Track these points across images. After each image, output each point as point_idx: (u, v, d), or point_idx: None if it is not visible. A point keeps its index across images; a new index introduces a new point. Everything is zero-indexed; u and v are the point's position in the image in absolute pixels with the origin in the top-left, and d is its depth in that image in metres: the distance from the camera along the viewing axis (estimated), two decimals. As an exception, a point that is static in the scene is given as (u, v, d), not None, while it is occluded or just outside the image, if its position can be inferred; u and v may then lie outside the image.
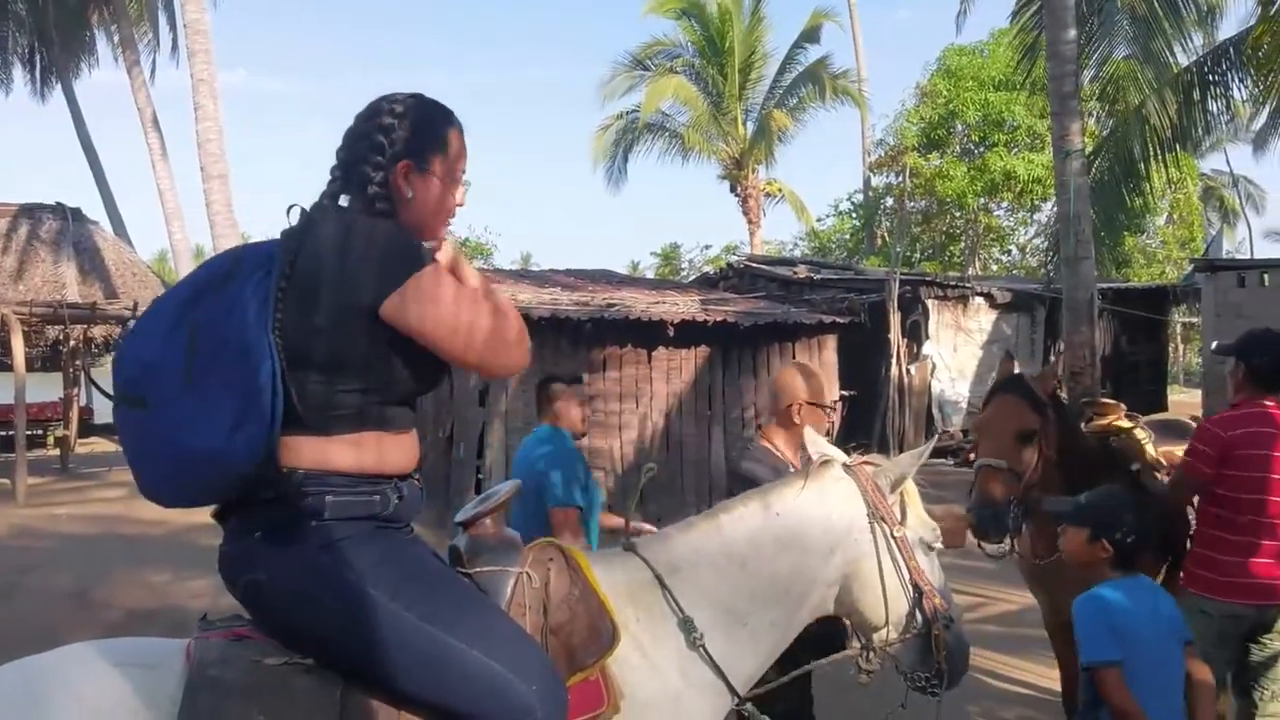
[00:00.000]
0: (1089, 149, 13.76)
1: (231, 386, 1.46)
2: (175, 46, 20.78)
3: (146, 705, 1.42)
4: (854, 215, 29.98)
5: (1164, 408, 16.09)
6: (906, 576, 1.89)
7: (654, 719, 1.68)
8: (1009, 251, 29.27)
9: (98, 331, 13.87)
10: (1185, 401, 17.81)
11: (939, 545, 1.99)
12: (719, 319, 10.18)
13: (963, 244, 28.03)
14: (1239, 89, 12.38)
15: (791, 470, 2.61)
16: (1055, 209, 12.16)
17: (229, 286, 1.52)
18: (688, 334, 10.12)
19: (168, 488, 1.53)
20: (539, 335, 9.61)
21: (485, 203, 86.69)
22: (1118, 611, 2.37)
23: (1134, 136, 11.80)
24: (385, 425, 1.56)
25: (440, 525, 10.17)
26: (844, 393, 12.12)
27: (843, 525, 1.89)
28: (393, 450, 1.58)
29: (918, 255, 27.70)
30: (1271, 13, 7.78)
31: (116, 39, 20.49)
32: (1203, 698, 2.41)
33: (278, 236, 1.60)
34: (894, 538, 1.89)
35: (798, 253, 29.82)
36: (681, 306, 11.04)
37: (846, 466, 1.97)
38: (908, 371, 14.24)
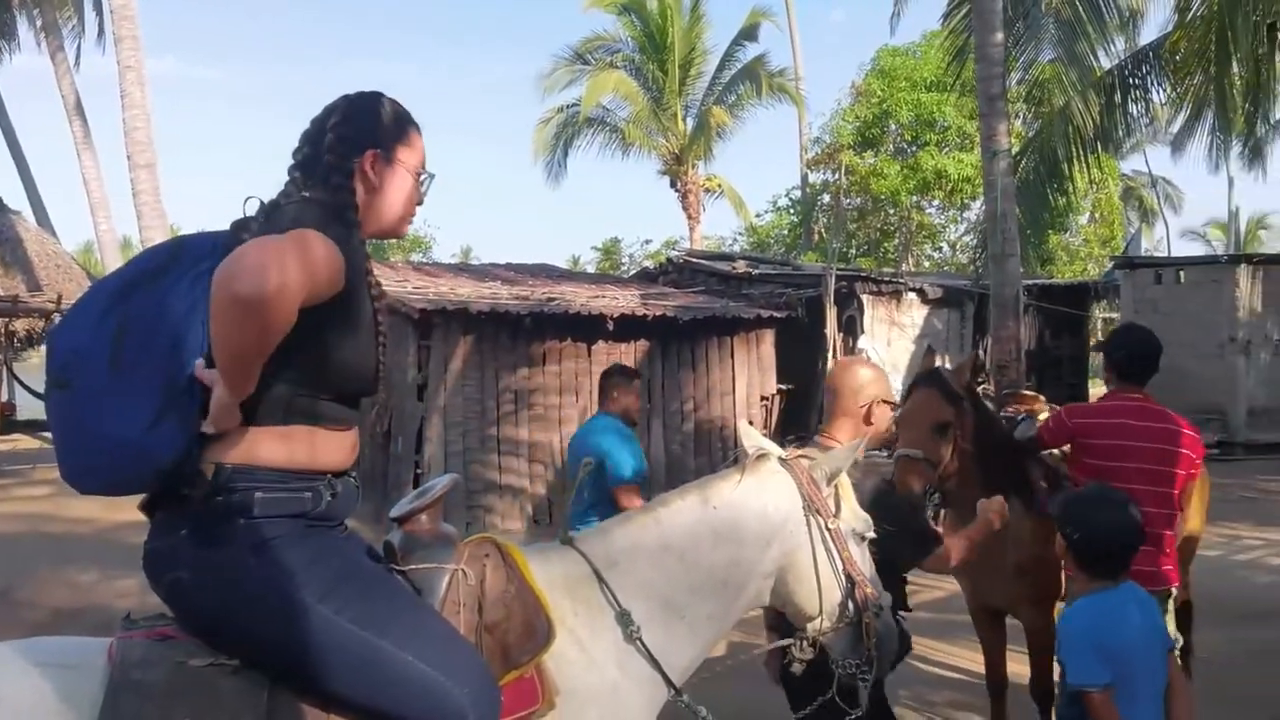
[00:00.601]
0: (1016, 149, 14.20)
1: (157, 378, 1.44)
2: (101, 32, 20.07)
3: (66, 706, 1.39)
4: (792, 211, 30.37)
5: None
6: (840, 567, 1.94)
7: (592, 712, 1.70)
8: (940, 248, 30.00)
9: (20, 325, 13.36)
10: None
11: (870, 535, 2.05)
12: (658, 313, 10.24)
13: (897, 240, 28.61)
14: (1158, 92, 12.92)
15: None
16: (984, 207, 12.51)
17: (164, 279, 1.51)
18: (627, 328, 10.16)
19: (86, 474, 1.51)
20: (478, 329, 9.56)
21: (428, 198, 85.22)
22: (1106, 630, 2.29)
23: (1058, 137, 12.21)
24: (318, 420, 1.54)
25: (377, 521, 10.00)
26: (781, 386, 12.33)
27: (779, 518, 1.93)
28: (327, 446, 1.56)
29: (854, 251, 28.17)
30: (1187, 19, 8.13)
31: (39, 23, 19.70)
32: (1182, 702, 2.36)
33: (226, 227, 1.58)
34: (828, 530, 1.94)
35: (737, 248, 30.09)
36: (621, 301, 11.08)
37: (783, 460, 2.01)
38: (843, 365, 14.48)
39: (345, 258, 1.50)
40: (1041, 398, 3.78)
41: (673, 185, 25.67)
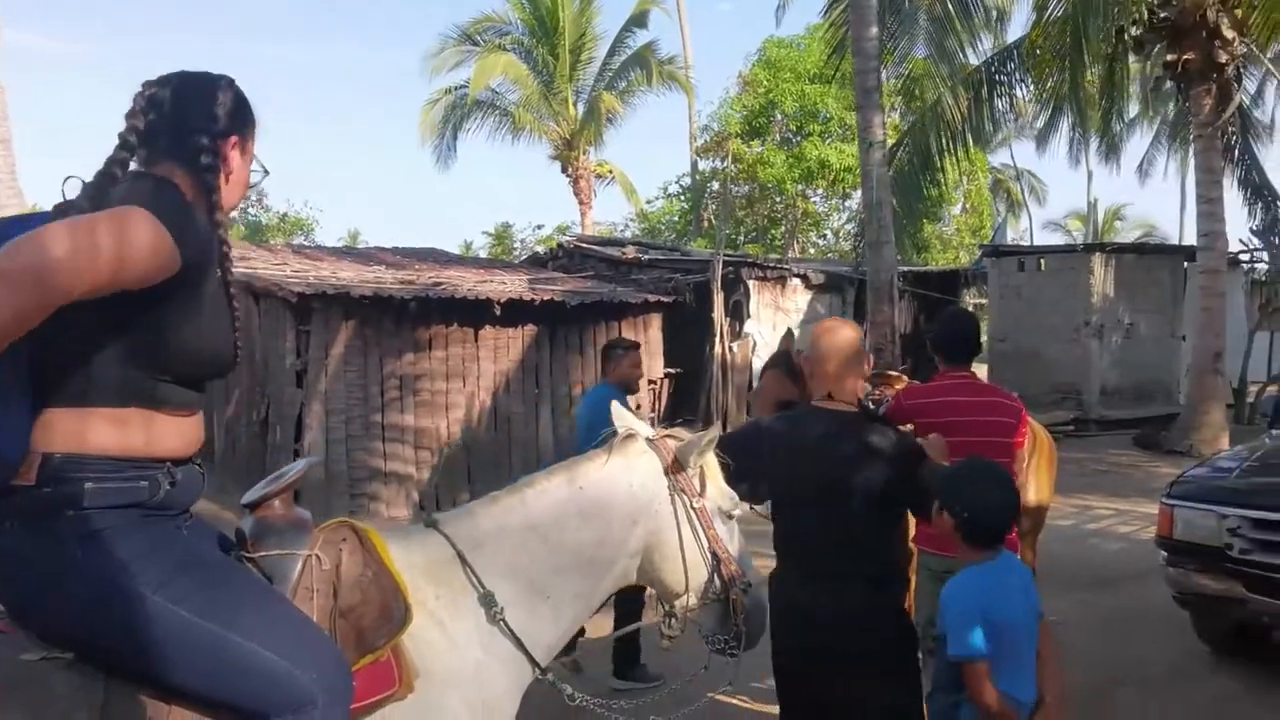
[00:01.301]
0: (892, 141, 14.77)
1: None
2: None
3: None
4: (682, 198, 30.68)
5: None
6: (705, 545, 2.00)
7: (453, 694, 1.71)
8: (825, 236, 30.92)
9: None
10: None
11: (738, 513, 2.12)
12: (546, 298, 10.20)
13: (783, 228, 29.31)
14: (1022, 89, 13.64)
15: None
16: (862, 196, 12.97)
17: None
18: (515, 313, 10.08)
19: None
20: (360, 314, 9.31)
21: (309, 179, 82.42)
22: (991, 601, 2.29)
23: (930, 131, 12.76)
24: (156, 403, 1.49)
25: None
26: (670, 370, 12.50)
27: (645, 497, 1.97)
28: (166, 431, 1.50)
29: (742, 238, 28.69)
30: (1044, 18, 8.59)
31: None
32: (1052, 668, 2.40)
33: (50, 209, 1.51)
34: (694, 508, 1.99)
35: (628, 234, 30.19)
36: (509, 286, 10.99)
37: (650, 441, 2.05)
38: (731, 349, 14.76)
39: (186, 238, 1.44)
40: (904, 378, 3.98)
41: (564, 171, 25.52)
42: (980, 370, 20.07)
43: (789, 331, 3.78)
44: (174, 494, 1.52)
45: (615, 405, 2.21)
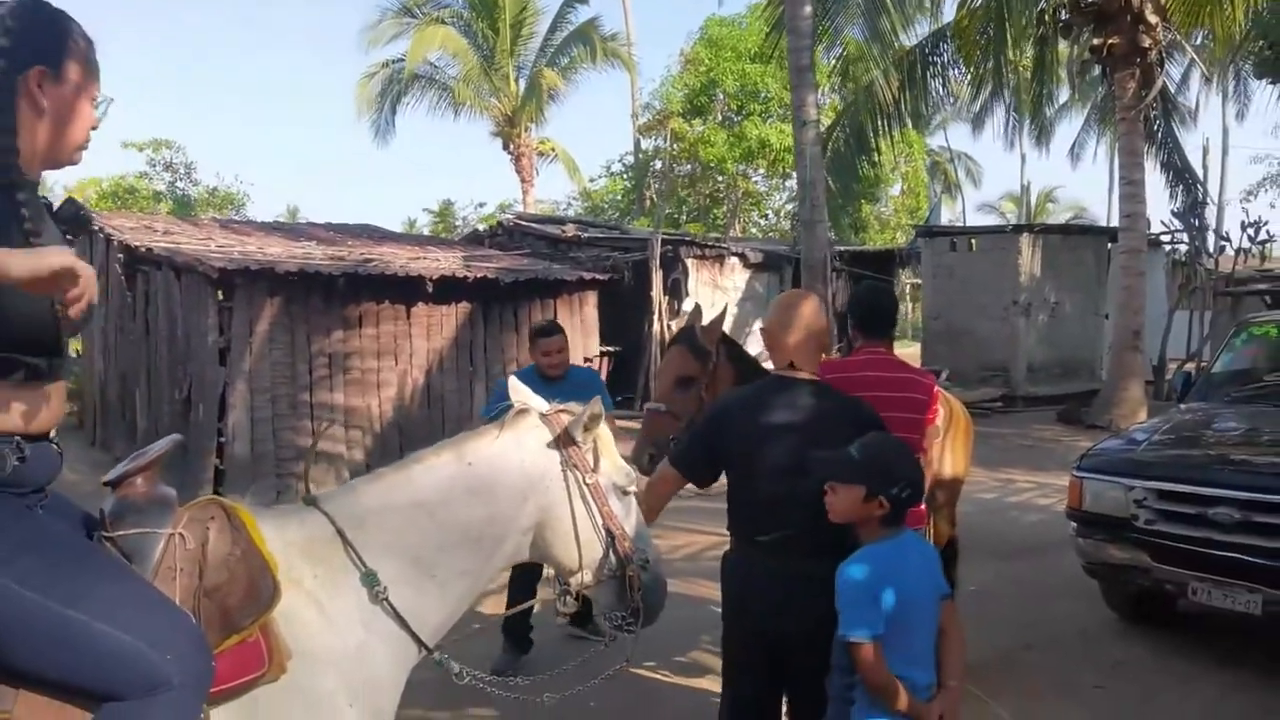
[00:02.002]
0: (829, 122, 14.86)
1: None
2: None
3: None
4: (626, 177, 30.55)
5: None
6: (600, 521, 1.97)
7: (331, 674, 1.66)
8: (767, 215, 31.10)
9: None
10: (911, 353, 19.88)
11: (633, 490, 2.08)
12: (479, 275, 10.07)
13: (725, 207, 29.40)
14: (955, 71, 13.82)
15: None
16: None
17: None
18: (448, 290, 9.94)
19: None
20: (287, 290, 9.07)
21: (243, 153, 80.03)
22: (886, 581, 2.23)
23: (865, 111, 12.86)
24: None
25: (179, 493, 9.40)
26: (608, 349, 12.47)
27: (536, 473, 1.94)
28: (11, 405, 1.42)
29: (684, 217, 28.72)
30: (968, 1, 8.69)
31: None
32: (954, 648, 2.35)
33: None
34: (586, 484, 1.96)
35: (571, 212, 30.01)
36: (443, 263, 10.82)
37: (543, 416, 2.01)
38: (669, 328, 14.80)
39: None
40: (829, 354, 3.99)
41: (505, 148, 25.22)
42: (914, 348, 20.53)
43: (696, 307, 3.76)
44: (24, 471, 1.43)
45: (512, 379, 2.17)
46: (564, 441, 1.96)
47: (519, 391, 2.09)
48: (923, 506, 3.37)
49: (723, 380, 3.43)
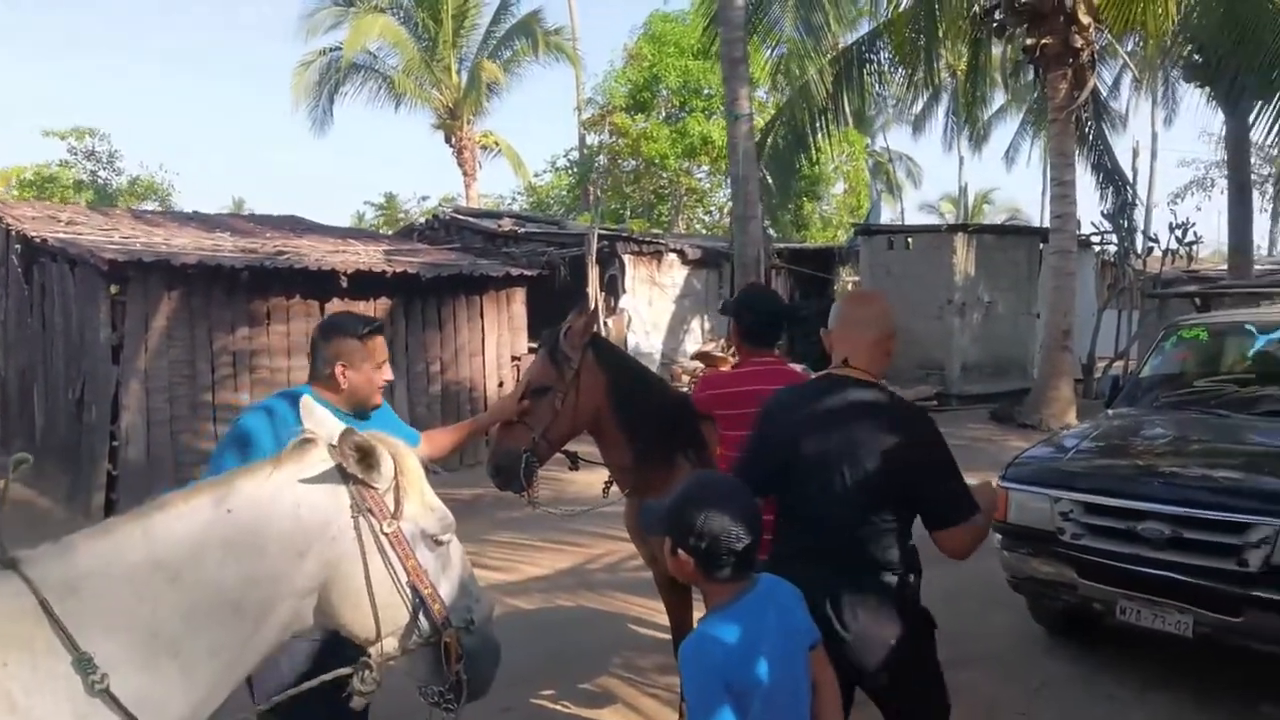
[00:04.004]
0: (769, 118, 14.69)
1: None
2: None
3: None
4: (570, 172, 30.16)
5: (829, 355, 17.86)
6: (403, 579, 1.61)
7: None
8: (711, 212, 30.93)
9: None
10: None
11: (449, 537, 1.73)
12: (399, 270, 9.60)
13: (669, 204, 29.17)
14: (892, 70, 13.72)
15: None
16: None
17: None
18: (366, 285, 9.45)
19: None
20: (187, 284, 8.52)
21: (180, 141, 77.69)
22: (733, 658, 1.87)
23: (803, 108, 12.67)
24: None
25: (70, 500, 8.82)
26: (535, 345, 12.08)
27: (317, 521, 1.57)
28: None
29: (628, 213, 28.43)
30: (900, 7, 8.54)
31: None
32: (827, 700, 2.05)
33: None
34: (384, 533, 1.60)
35: (516, 207, 29.60)
36: (363, 256, 10.32)
37: (333, 447, 1.63)
38: (605, 324, 14.51)
39: None
40: (729, 359, 3.71)
41: (447, 140, 24.79)
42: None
43: (579, 309, 3.41)
44: None
45: (306, 399, 1.77)
46: (355, 480, 1.59)
47: (312, 414, 1.71)
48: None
49: (590, 386, 3.13)
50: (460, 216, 17.12)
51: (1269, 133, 9.75)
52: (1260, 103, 10.00)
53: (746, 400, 2.77)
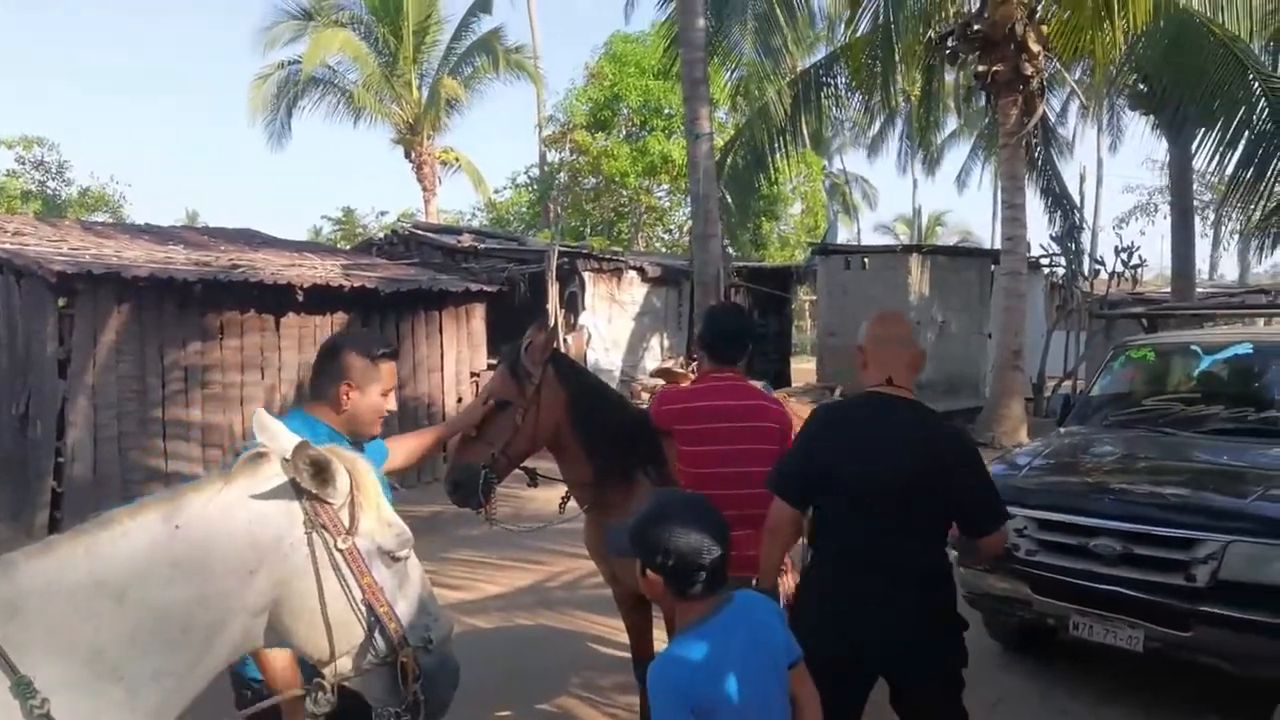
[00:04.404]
0: (729, 138, 14.84)
1: None
2: None
3: None
4: (531, 189, 30.16)
5: (788, 373, 18.01)
6: (358, 596, 1.58)
7: None
8: (670, 231, 31.11)
9: None
10: (807, 369, 20.05)
11: (406, 553, 1.70)
12: (357, 284, 9.49)
13: (630, 222, 29.29)
14: (849, 94, 13.96)
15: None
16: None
17: None
18: (323, 300, 9.33)
19: None
20: (138, 297, 8.33)
21: (133, 155, 76.27)
22: (698, 677, 1.82)
23: (761, 129, 12.83)
24: None
25: (14, 518, 8.53)
26: (494, 362, 12.01)
27: (268, 538, 1.53)
28: None
29: (588, 230, 28.49)
30: (855, 27, 8.70)
31: None
32: (809, 717, 2.01)
33: None
34: (339, 550, 1.57)
35: (476, 223, 29.49)
36: (320, 271, 10.18)
37: (287, 461, 1.58)
38: (565, 341, 14.48)
39: None
40: (690, 375, 3.73)
41: (407, 156, 24.69)
42: (809, 364, 20.72)
43: (538, 324, 3.40)
44: None
45: (259, 412, 1.73)
46: (309, 496, 1.56)
47: (266, 428, 1.67)
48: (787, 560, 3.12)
49: (550, 402, 3.13)
50: (419, 232, 17.00)
51: (1210, 160, 10.09)
52: (1202, 130, 10.35)
53: (703, 416, 2.79)
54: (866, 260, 15.29)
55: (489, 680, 4.35)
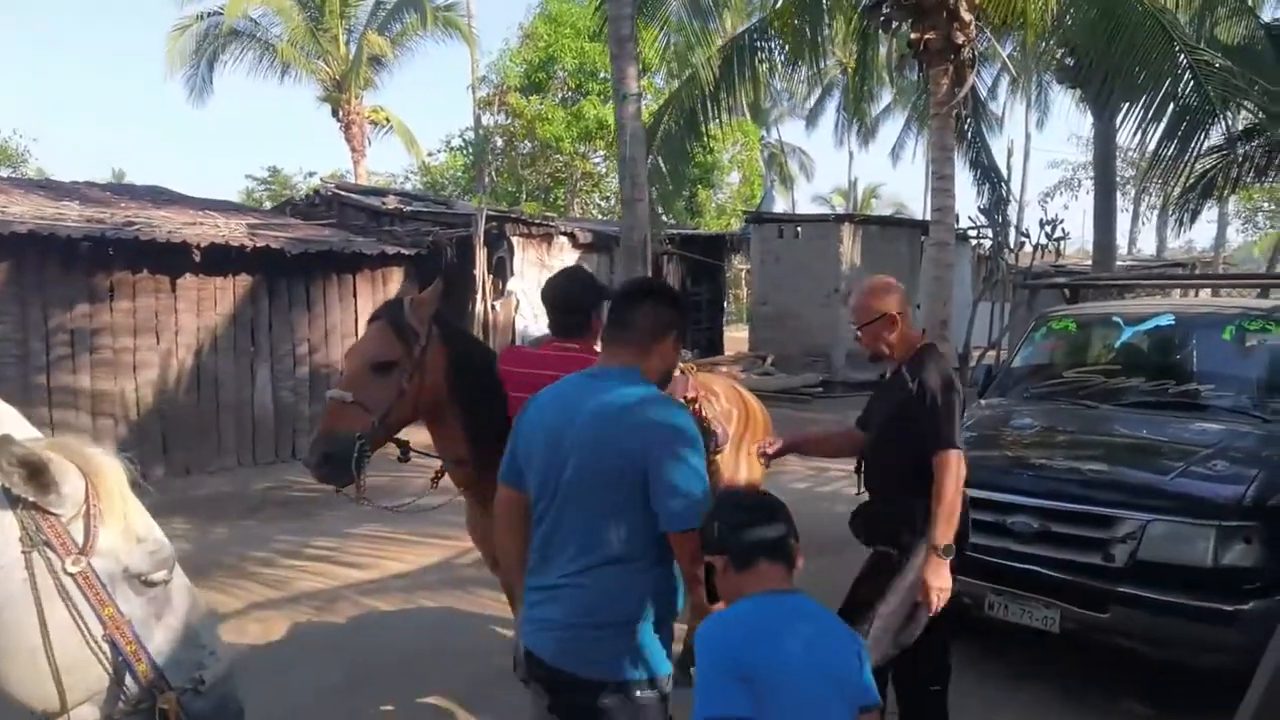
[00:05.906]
0: (662, 101, 14.47)
1: None
2: None
3: None
4: (465, 152, 29.35)
5: (721, 341, 17.90)
6: (96, 631, 1.29)
7: None
8: (607, 197, 30.66)
9: None
10: (741, 338, 19.96)
11: (163, 575, 1.39)
12: (260, 245, 8.95)
13: (565, 188, 28.75)
14: (782, 61, 13.69)
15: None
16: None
17: None
18: (224, 261, 8.78)
19: None
20: (18, 255, 7.70)
21: (54, 112, 72.38)
22: (757, 645, 1.69)
23: (693, 95, 12.50)
24: None
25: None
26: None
27: None
28: None
29: (524, 196, 27.88)
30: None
31: None
32: None
33: None
34: (68, 573, 1.28)
35: (409, 186, 28.65)
36: (223, 230, 9.59)
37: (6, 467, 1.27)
38: (493, 308, 14.12)
39: None
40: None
41: (334, 114, 23.74)
42: (742, 332, 20.64)
43: (438, 280, 3.05)
44: None
45: None
46: (27, 505, 1.25)
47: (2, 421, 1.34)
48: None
49: (434, 365, 2.82)
50: (342, 192, 16.30)
51: (1134, 135, 10.11)
52: (1127, 105, 10.36)
53: (528, 385, 2.47)
54: (800, 229, 15.19)
55: (384, 666, 4.07)
